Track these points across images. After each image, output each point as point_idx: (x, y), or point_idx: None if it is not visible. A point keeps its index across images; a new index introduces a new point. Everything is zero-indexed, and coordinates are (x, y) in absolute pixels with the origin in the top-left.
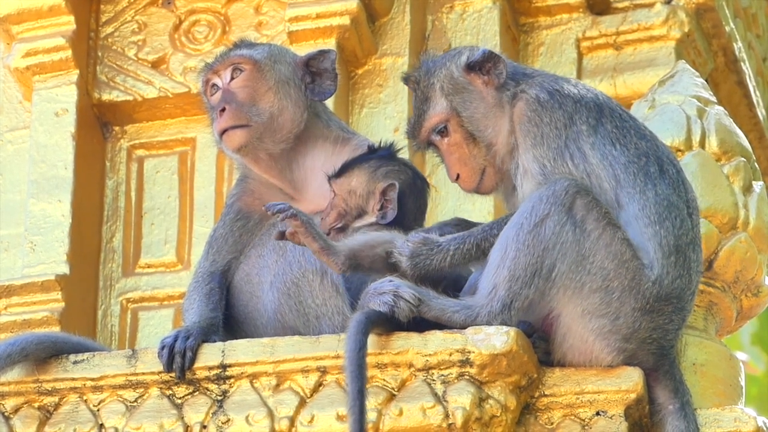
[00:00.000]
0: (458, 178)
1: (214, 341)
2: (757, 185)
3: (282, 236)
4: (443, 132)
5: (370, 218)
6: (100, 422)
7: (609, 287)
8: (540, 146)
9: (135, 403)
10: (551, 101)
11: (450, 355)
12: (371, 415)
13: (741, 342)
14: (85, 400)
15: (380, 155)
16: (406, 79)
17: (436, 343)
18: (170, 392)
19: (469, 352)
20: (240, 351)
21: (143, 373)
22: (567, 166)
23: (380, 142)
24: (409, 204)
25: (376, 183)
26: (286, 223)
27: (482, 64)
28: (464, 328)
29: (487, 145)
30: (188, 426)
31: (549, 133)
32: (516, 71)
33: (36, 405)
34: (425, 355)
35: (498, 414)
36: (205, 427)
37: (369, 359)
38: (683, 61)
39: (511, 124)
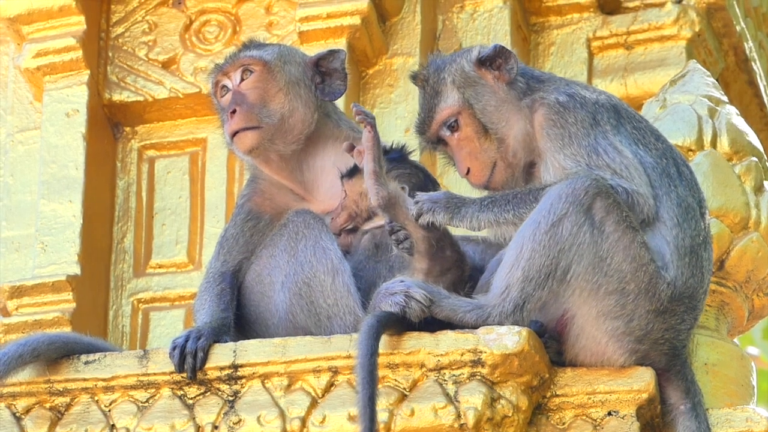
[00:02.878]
0: (468, 172)
1: (226, 341)
2: None
3: (351, 149)
4: (454, 126)
5: (380, 220)
6: (112, 423)
7: (625, 290)
8: (570, 146)
9: (146, 404)
10: (572, 102)
11: (462, 355)
12: (383, 416)
13: (753, 337)
14: (97, 401)
15: (391, 158)
16: (414, 77)
17: (448, 343)
18: (182, 393)
19: (481, 352)
20: (251, 351)
21: (155, 374)
22: (604, 159)
23: (392, 144)
24: None
25: None
26: (365, 127)
27: (493, 60)
28: (476, 328)
29: (499, 138)
30: (200, 426)
31: (577, 132)
32: (526, 72)
33: (47, 405)
34: (437, 355)
35: (510, 414)
36: (216, 427)
37: (380, 359)
38: (694, 60)
39: (530, 129)
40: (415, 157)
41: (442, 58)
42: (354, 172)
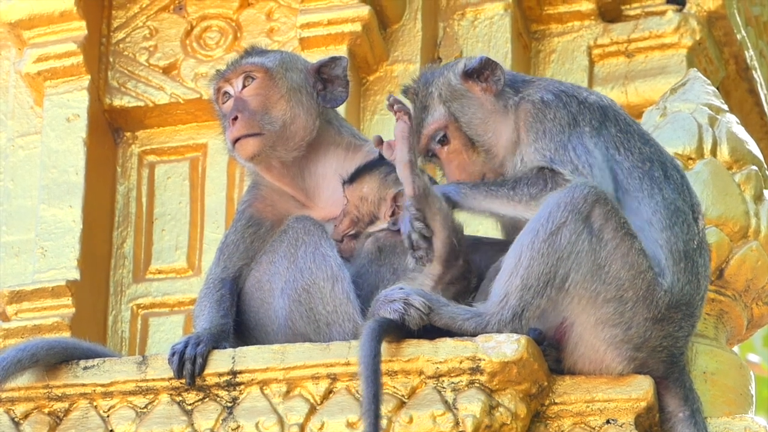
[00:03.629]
0: None
1: (225, 348)
2: None
3: (380, 142)
4: (443, 140)
5: (382, 224)
6: (110, 428)
7: (623, 297)
8: (542, 140)
9: (145, 410)
10: (556, 101)
11: (460, 362)
12: (381, 423)
13: (753, 344)
14: (95, 406)
15: (391, 161)
16: (405, 91)
17: (447, 350)
18: (180, 398)
19: (480, 359)
20: (250, 357)
21: (153, 380)
22: (569, 155)
23: None
24: None
25: (387, 189)
26: (399, 118)
27: (480, 72)
28: (475, 335)
29: (486, 150)
30: None
31: (552, 128)
32: (515, 79)
33: (46, 411)
34: (435, 363)
35: (508, 422)
36: None
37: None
38: (695, 69)
39: (515, 126)
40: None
41: (432, 71)
42: (355, 177)
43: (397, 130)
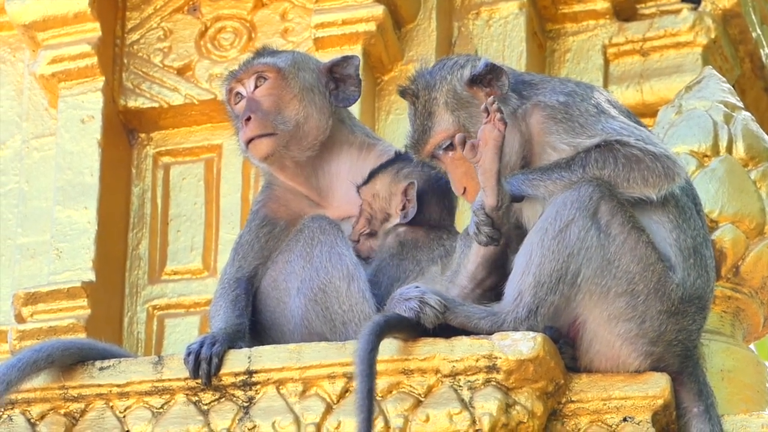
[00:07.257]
0: (465, 191)
1: (241, 347)
2: None
3: (463, 141)
4: (450, 147)
5: (395, 220)
6: (126, 429)
7: (634, 291)
8: (584, 132)
9: (161, 410)
10: (572, 99)
11: (477, 360)
12: (398, 421)
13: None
14: (111, 407)
15: (404, 158)
16: (403, 93)
17: (463, 348)
18: (196, 398)
19: (496, 357)
20: (266, 357)
21: (169, 380)
22: (620, 132)
23: (405, 146)
24: (432, 201)
25: (398, 184)
26: (495, 125)
27: (484, 77)
28: (490, 334)
29: None
30: None
31: (585, 122)
32: (517, 81)
33: (62, 411)
34: (452, 361)
35: (525, 420)
36: None
37: (395, 365)
38: (710, 66)
39: (527, 135)
40: None
41: (430, 72)
42: (369, 178)
43: (488, 135)
